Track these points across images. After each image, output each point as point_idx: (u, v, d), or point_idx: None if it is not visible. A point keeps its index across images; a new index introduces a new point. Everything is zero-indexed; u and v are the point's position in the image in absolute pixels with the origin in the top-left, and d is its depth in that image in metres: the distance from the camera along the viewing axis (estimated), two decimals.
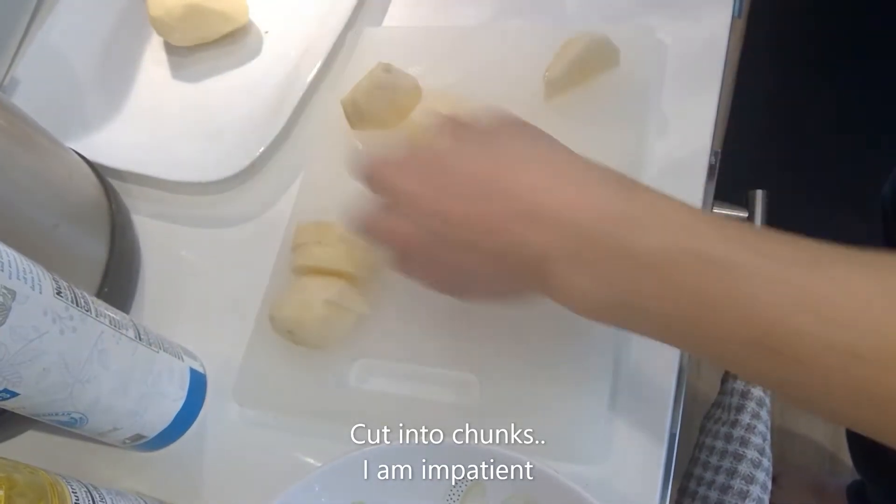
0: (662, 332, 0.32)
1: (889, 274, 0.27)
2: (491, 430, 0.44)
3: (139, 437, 0.47)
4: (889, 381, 0.26)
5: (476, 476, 0.41)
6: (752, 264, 0.28)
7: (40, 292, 0.38)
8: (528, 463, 0.39)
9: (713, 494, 0.50)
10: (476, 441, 0.40)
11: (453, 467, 0.41)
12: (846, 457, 1.17)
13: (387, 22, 0.63)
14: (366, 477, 0.42)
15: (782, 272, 0.28)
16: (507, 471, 0.40)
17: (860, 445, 0.95)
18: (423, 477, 0.42)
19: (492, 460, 0.40)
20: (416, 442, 0.41)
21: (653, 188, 0.33)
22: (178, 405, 0.48)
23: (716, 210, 0.53)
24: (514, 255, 0.33)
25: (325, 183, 0.55)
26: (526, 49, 0.55)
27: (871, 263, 0.28)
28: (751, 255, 0.28)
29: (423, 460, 0.41)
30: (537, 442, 0.43)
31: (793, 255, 0.28)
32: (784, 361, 0.27)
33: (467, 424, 0.44)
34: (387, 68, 0.51)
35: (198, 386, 0.49)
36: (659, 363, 0.45)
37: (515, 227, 0.32)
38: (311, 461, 0.47)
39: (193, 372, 0.49)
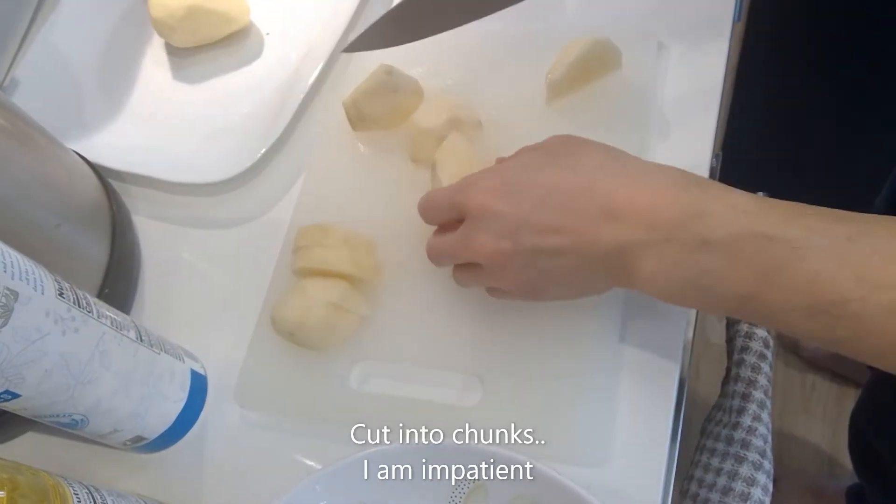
0: (731, 308, 0.36)
1: None
2: (492, 432, 0.44)
3: (140, 438, 0.46)
4: None
5: (478, 477, 0.41)
6: (806, 242, 0.32)
7: (42, 293, 0.38)
8: (529, 464, 0.39)
9: (714, 497, 0.50)
10: (477, 442, 0.40)
11: (455, 468, 0.41)
12: (845, 459, 1.17)
13: None
14: (367, 478, 0.41)
15: (833, 246, 0.32)
16: (508, 472, 0.40)
17: (860, 449, 0.95)
18: (425, 478, 0.41)
19: (493, 461, 0.40)
20: (418, 443, 0.41)
21: (721, 185, 0.36)
22: (179, 407, 0.48)
23: None
24: (601, 254, 0.37)
25: (326, 185, 0.55)
26: (527, 51, 0.56)
27: None
28: (805, 233, 0.33)
29: (425, 461, 0.41)
30: (539, 443, 0.43)
31: (841, 231, 0.33)
32: (839, 323, 0.32)
33: (468, 425, 0.44)
34: (388, 70, 0.51)
35: (199, 387, 0.49)
36: (660, 365, 0.45)
37: (602, 228, 0.36)
38: (313, 463, 0.47)
39: (194, 373, 0.49)
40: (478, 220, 0.40)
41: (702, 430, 0.55)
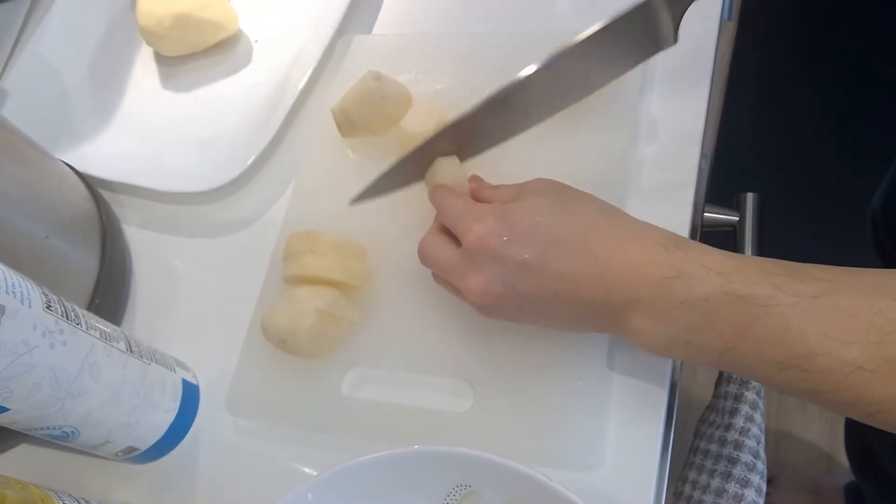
0: (712, 360, 0.38)
1: (882, 296, 0.34)
2: (485, 438, 0.44)
3: (132, 449, 0.46)
4: (889, 386, 0.33)
5: (470, 483, 0.41)
6: (775, 300, 0.35)
7: (30, 306, 0.38)
8: (522, 470, 0.39)
9: (708, 498, 0.50)
10: (469, 448, 0.40)
11: (447, 475, 0.41)
12: (842, 457, 1.17)
13: (377, 29, 0.63)
14: (360, 486, 0.41)
15: (798, 304, 0.34)
16: (501, 478, 0.40)
17: (857, 447, 0.95)
18: (418, 485, 0.41)
19: (486, 468, 0.40)
20: (410, 450, 0.41)
21: (699, 244, 0.39)
22: (171, 417, 0.47)
23: (707, 213, 0.53)
24: (592, 307, 0.40)
25: (316, 192, 0.55)
26: (516, 54, 0.55)
27: (871, 288, 0.34)
28: (773, 291, 0.35)
29: (418, 469, 0.41)
30: (530, 448, 0.43)
31: (805, 289, 0.35)
32: (809, 377, 0.34)
33: (460, 432, 0.44)
34: (376, 76, 0.51)
35: (190, 397, 0.49)
36: (652, 369, 0.45)
37: (595, 285, 0.39)
38: (306, 471, 0.47)
39: (186, 383, 0.49)
40: (475, 257, 0.41)
41: (695, 432, 0.55)
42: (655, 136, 0.52)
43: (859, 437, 0.93)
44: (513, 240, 0.40)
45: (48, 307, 0.39)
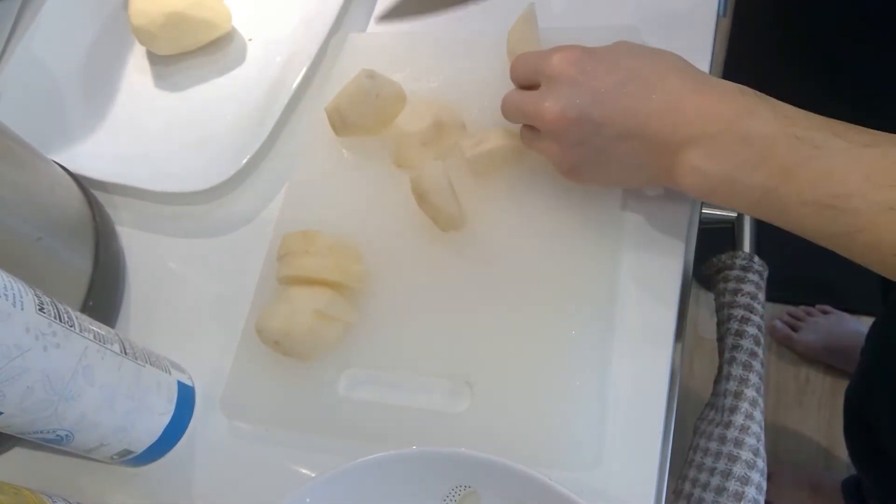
0: (752, 201, 0.39)
1: None
2: (483, 438, 0.43)
3: (127, 452, 0.46)
4: None
5: (470, 484, 0.41)
6: (828, 143, 0.37)
7: (22, 309, 0.37)
8: (522, 471, 0.38)
9: (708, 496, 0.49)
10: (470, 449, 0.40)
11: (446, 476, 0.41)
12: (840, 452, 1.18)
13: (371, 28, 0.62)
14: (358, 488, 0.41)
15: (849, 150, 0.36)
16: (501, 479, 0.40)
17: (857, 441, 0.95)
18: (417, 486, 0.41)
19: (486, 469, 0.40)
20: (408, 451, 0.41)
21: (771, 98, 0.40)
22: (167, 419, 0.47)
23: (705, 211, 0.53)
24: (659, 144, 0.41)
25: (311, 191, 0.55)
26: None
27: None
28: (829, 136, 0.37)
29: (417, 470, 0.41)
30: (529, 448, 0.43)
31: (860, 138, 0.37)
32: (840, 216, 0.36)
33: (458, 432, 0.44)
34: (370, 74, 0.50)
35: (186, 399, 0.49)
36: (651, 367, 0.45)
37: (666, 120, 0.40)
38: (303, 472, 0.47)
39: (181, 385, 0.49)
40: (554, 82, 0.43)
41: (695, 430, 0.55)
42: None
43: (856, 412, 0.92)
44: (593, 69, 0.42)
45: (41, 309, 0.39)
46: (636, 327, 0.46)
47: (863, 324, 1.23)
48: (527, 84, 0.47)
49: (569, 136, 0.43)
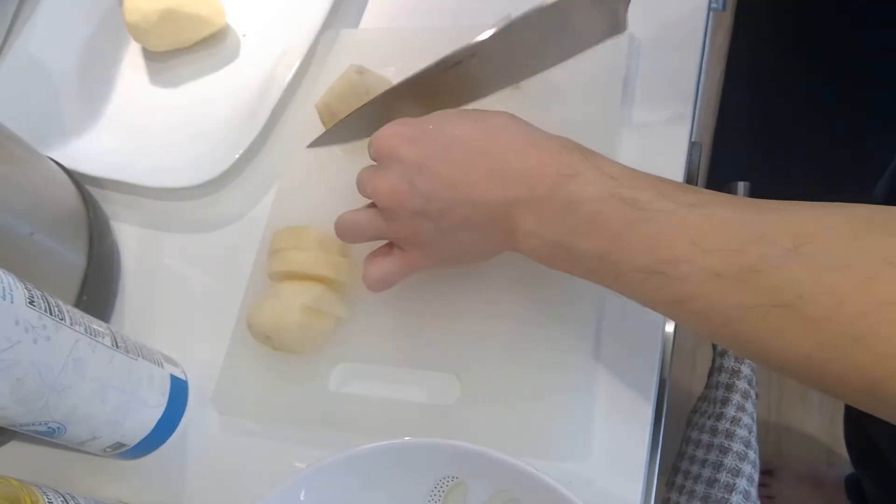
0: (589, 268, 0.38)
1: (754, 210, 0.34)
2: (472, 430, 0.44)
3: (120, 445, 0.46)
4: (738, 295, 0.32)
5: (458, 475, 0.41)
6: (655, 206, 0.35)
7: (12, 301, 0.38)
8: (509, 461, 0.39)
9: (700, 488, 0.49)
10: (457, 440, 0.40)
11: (434, 467, 0.41)
12: (842, 449, 1.17)
13: (364, 24, 0.63)
14: (348, 479, 0.41)
15: (675, 211, 0.35)
16: (488, 470, 0.40)
17: (857, 439, 0.95)
18: (406, 478, 0.41)
19: (473, 459, 0.40)
20: (397, 442, 0.41)
21: (601, 155, 0.39)
22: (159, 412, 0.47)
23: None
24: (490, 209, 0.39)
25: (301, 187, 0.55)
26: None
27: (746, 204, 0.34)
28: (655, 197, 0.35)
29: (404, 460, 0.41)
30: (517, 439, 0.43)
31: (685, 198, 0.35)
32: (670, 284, 0.34)
33: (448, 425, 0.44)
34: (359, 70, 0.50)
35: (179, 392, 0.49)
36: (639, 358, 0.45)
37: (492, 184, 0.39)
38: (296, 466, 0.47)
39: (174, 378, 0.49)
40: (382, 162, 0.43)
41: (688, 422, 0.55)
42: (643, 121, 0.51)
43: (859, 428, 0.92)
44: (417, 139, 0.41)
45: (31, 302, 0.39)
46: (625, 318, 0.46)
47: None
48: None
49: (405, 211, 0.41)
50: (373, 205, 0.44)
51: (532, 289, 0.46)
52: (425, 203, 0.40)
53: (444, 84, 0.46)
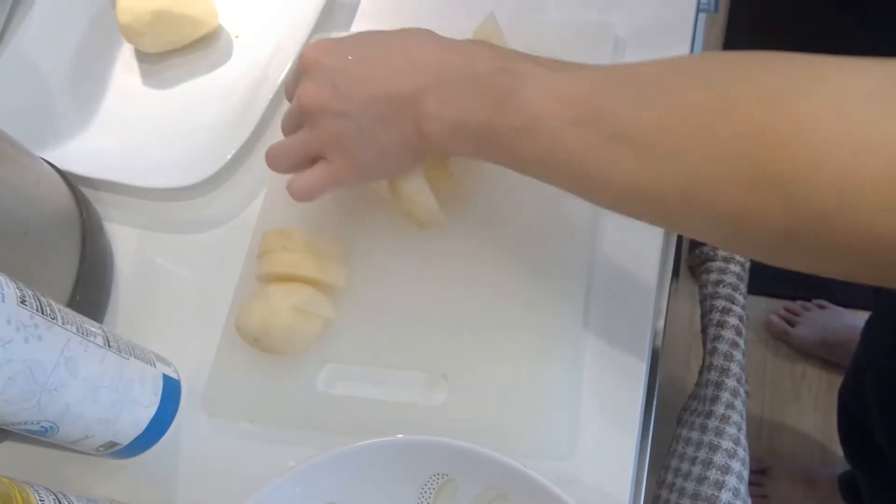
0: (478, 142, 0.40)
1: (614, 67, 0.38)
2: (459, 429, 0.44)
3: (113, 444, 0.46)
4: (585, 135, 0.35)
5: (448, 472, 0.41)
6: (530, 72, 0.38)
7: (3, 301, 0.38)
8: (498, 459, 0.39)
9: (690, 485, 0.50)
10: (447, 438, 0.40)
11: (424, 465, 0.41)
12: (836, 447, 1.17)
13: (355, 26, 0.63)
14: (337, 477, 0.42)
15: (545, 75, 0.38)
16: (477, 467, 0.40)
17: (851, 438, 0.95)
18: (395, 476, 0.42)
19: (463, 457, 0.40)
20: (389, 440, 0.41)
21: (497, 45, 0.42)
22: (152, 411, 0.48)
23: None
24: (402, 102, 0.42)
25: None
26: None
27: (611, 66, 0.38)
28: (532, 66, 0.38)
29: (394, 458, 0.41)
30: (505, 437, 0.43)
31: (554, 65, 0.38)
32: (538, 138, 0.37)
33: (436, 425, 0.44)
34: None
35: (171, 392, 0.49)
36: (627, 355, 0.45)
37: (404, 76, 0.42)
38: (287, 465, 0.47)
39: (167, 378, 0.49)
40: (306, 73, 0.45)
41: (678, 420, 0.55)
42: None
43: (849, 411, 0.92)
44: (339, 47, 0.44)
45: (22, 301, 0.39)
46: (613, 315, 0.46)
47: (859, 319, 1.23)
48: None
49: (327, 113, 0.44)
50: None
51: (519, 288, 0.47)
52: (346, 102, 0.43)
53: None
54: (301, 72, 0.46)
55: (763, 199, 0.31)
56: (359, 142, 0.44)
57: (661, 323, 0.48)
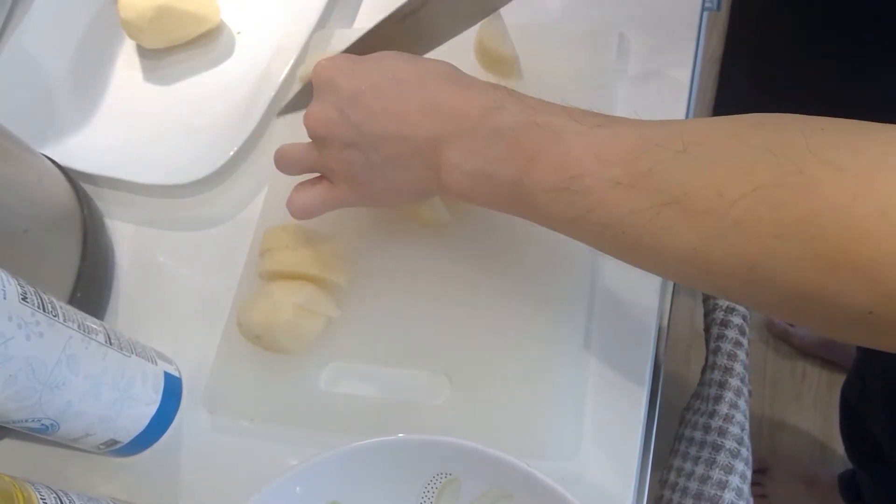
0: (506, 195, 0.39)
1: (652, 127, 0.36)
2: (462, 429, 0.44)
3: (114, 442, 0.46)
4: (633, 199, 0.34)
5: (451, 472, 0.41)
6: (565, 128, 0.37)
7: (4, 297, 0.38)
8: (503, 458, 0.39)
9: (693, 485, 0.50)
10: (452, 437, 0.40)
11: (427, 464, 0.41)
12: (837, 446, 1.17)
13: (358, 23, 0.63)
14: (341, 476, 0.41)
15: (583, 132, 0.36)
16: (481, 466, 0.40)
17: (853, 437, 0.95)
18: (398, 475, 0.41)
19: (467, 456, 0.40)
20: (392, 439, 0.41)
21: (517, 92, 0.40)
22: (153, 409, 0.47)
23: None
24: (418, 144, 0.40)
25: (292, 186, 0.55)
26: None
27: (644, 123, 0.36)
28: (566, 121, 0.37)
29: (398, 457, 0.41)
30: (507, 439, 0.43)
31: (593, 120, 0.37)
32: (576, 198, 0.36)
33: (438, 424, 0.44)
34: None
35: (172, 389, 0.49)
36: (631, 355, 0.45)
37: (422, 119, 0.40)
38: (289, 464, 0.47)
39: (168, 375, 0.49)
40: (318, 92, 0.44)
41: (680, 420, 0.55)
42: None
43: (851, 410, 0.92)
44: (354, 71, 0.42)
45: (24, 299, 0.39)
46: (617, 314, 0.46)
47: None
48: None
49: (335, 140, 0.42)
50: None
51: (522, 287, 0.47)
52: (356, 134, 0.41)
53: (401, 35, 0.47)
54: (314, 87, 0.44)
55: (843, 280, 0.29)
56: (370, 176, 0.43)
57: (665, 322, 0.48)
